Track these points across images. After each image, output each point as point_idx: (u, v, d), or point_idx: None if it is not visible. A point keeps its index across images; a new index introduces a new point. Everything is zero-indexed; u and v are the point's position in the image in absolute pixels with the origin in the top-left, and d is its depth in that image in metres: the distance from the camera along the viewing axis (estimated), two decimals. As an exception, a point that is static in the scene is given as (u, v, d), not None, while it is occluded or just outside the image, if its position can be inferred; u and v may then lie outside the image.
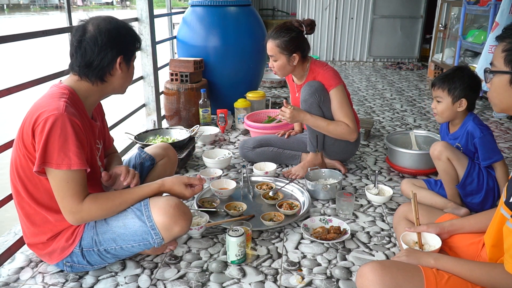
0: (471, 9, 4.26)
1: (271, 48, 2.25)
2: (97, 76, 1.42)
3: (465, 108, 1.91)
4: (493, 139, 1.90)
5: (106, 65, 1.41)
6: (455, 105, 1.91)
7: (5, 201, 1.65)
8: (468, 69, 1.95)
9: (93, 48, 1.38)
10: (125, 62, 1.46)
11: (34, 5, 48.64)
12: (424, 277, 1.12)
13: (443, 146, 1.89)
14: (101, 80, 1.44)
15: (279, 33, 2.22)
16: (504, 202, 1.11)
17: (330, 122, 2.25)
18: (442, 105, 1.94)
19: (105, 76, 1.44)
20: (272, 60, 2.30)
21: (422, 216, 1.52)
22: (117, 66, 1.42)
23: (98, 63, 1.39)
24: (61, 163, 1.29)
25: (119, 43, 1.41)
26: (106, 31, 1.39)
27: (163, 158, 1.95)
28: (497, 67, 1.07)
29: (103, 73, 1.42)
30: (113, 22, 1.43)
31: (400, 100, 4.43)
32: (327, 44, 7.09)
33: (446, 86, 1.91)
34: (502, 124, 3.55)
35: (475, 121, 1.92)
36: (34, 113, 1.32)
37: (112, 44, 1.39)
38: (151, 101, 3.24)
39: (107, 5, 52.03)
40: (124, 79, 1.49)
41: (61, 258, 1.48)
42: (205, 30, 3.42)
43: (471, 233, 1.37)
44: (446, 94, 1.92)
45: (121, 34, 1.42)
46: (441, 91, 1.93)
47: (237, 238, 1.56)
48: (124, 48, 1.44)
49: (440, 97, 1.94)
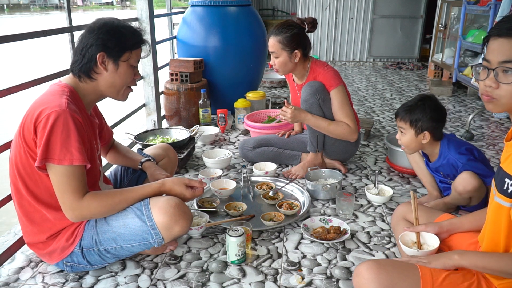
0: (471, 9, 4.26)
1: (272, 44, 2.25)
2: (84, 73, 1.43)
3: (429, 139, 1.86)
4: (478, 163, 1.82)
5: (87, 61, 1.41)
6: (418, 137, 1.87)
7: (5, 201, 1.65)
8: (431, 99, 1.90)
9: (79, 45, 1.42)
10: (112, 61, 1.43)
11: (34, 5, 48.66)
12: (420, 275, 1.12)
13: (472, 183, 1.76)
14: (88, 77, 1.44)
15: (281, 30, 2.22)
16: (498, 190, 1.10)
17: (331, 122, 2.25)
18: (406, 137, 1.90)
19: (90, 73, 1.43)
20: (273, 57, 2.29)
21: (421, 216, 1.52)
22: (99, 63, 1.41)
23: (81, 60, 1.41)
24: (63, 159, 1.29)
25: (99, 40, 1.40)
26: (90, 28, 1.41)
27: (163, 158, 1.95)
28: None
29: (88, 69, 1.42)
30: (109, 23, 1.43)
31: (400, 100, 4.43)
32: (327, 44, 7.10)
33: (408, 118, 1.87)
34: (502, 124, 3.55)
35: (451, 150, 1.86)
36: (36, 109, 1.32)
37: (93, 40, 1.40)
38: (151, 101, 3.24)
39: (107, 5, 52.04)
40: (113, 78, 1.45)
41: (61, 258, 1.48)
42: (205, 30, 3.43)
43: (470, 231, 1.38)
44: (409, 126, 1.88)
45: (104, 31, 1.41)
46: (403, 123, 1.90)
47: (237, 238, 1.56)
48: (105, 45, 1.40)
49: (403, 128, 1.90)
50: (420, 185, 2.33)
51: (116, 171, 1.88)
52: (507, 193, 1.07)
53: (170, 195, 1.53)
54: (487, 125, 3.54)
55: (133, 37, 1.47)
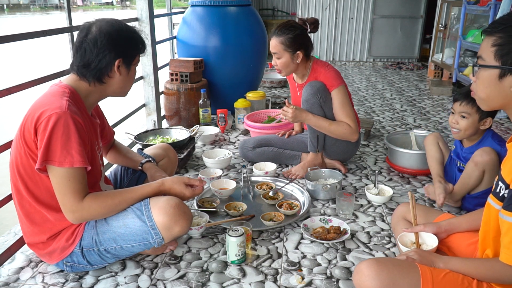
0: (471, 9, 4.26)
1: (275, 45, 2.25)
2: (95, 77, 1.43)
3: (487, 127, 1.87)
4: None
5: (103, 66, 1.41)
6: (480, 123, 1.86)
7: (5, 201, 1.65)
8: None
9: (92, 49, 1.39)
10: (125, 65, 1.46)
11: (34, 5, 48.65)
12: (420, 273, 1.13)
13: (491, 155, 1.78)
14: (99, 81, 1.44)
15: (283, 31, 2.22)
16: (492, 192, 1.12)
17: (332, 123, 2.25)
18: (468, 121, 1.86)
19: (103, 78, 1.44)
20: (275, 58, 2.29)
21: (420, 216, 1.52)
22: (115, 68, 1.43)
23: (96, 65, 1.40)
24: (64, 161, 1.29)
25: (118, 46, 1.41)
26: (107, 33, 1.40)
27: (163, 158, 1.95)
28: (486, 61, 1.06)
29: (101, 74, 1.43)
30: (116, 25, 1.43)
31: (400, 100, 4.43)
32: (327, 44, 7.10)
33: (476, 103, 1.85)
34: (502, 124, 3.55)
35: (493, 138, 1.88)
36: (37, 110, 1.32)
37: (111, 46, 1.40)
38: (151, 101, 3.24)
39: (107, 5, 52.03)
40: (123, 82, 1.49)
41: (61, 258, 1.49)
42: (205, 30, 3.43)
43: (469, 231, 1.38)
44: (475, 111, 1.83)
45: (121, 37, 1.42)
46: (469, 107, 1.84)
47: (237, 238, 1.56)
48: (123, 52, 1.43)
49: (468, 113, 1.86)
50: (419, 185, 2.33)
51: (116, 171, 1.88)
52: (499, 196, 1.08)
53: (170, 195, 1.53)
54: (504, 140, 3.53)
55: (141, 40, 1.50)
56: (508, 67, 1.02)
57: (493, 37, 1.04)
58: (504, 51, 1.02)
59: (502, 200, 1.07)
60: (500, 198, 1.08)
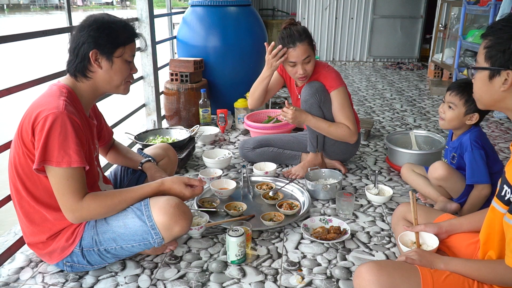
0: (471, 9, 4.26)
1: (305, 50, 2.12)
2: (80, 72, 1.42)
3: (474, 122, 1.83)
4: (481, 160, 1.78)
5: (81, 60, 1.40)
6: (466, 117, 1.82)
7: (5, 201, 1.65)
8: None
9: (72, 44, 1.41)
10: (105, 57, 1.42)
11: (34, 5, 48.62)
12: (421, 276, 1.12)
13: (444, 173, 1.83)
14: (84, 76, 1.43)
15: (300, 33, 2.13)
16: (496, 194, 1.12)
17: (331, 124, 2.24)
18: (453, 113, 1.84)
19: (86, 72, 1.43)
20: (304, 63, 2.15)
21: (420, 216, 1.52)
22: (93, 61, 1.41)
23: (75, 58, 1.41)
24: (61, 161, 1.29)
25: (91, 37, 1.38)
26: (82, 26, 1.40)
27: (163, 158, 1.95)
28: (479, 64, 1.11)
29: (83, 68, 1.42)
30: (99, 19, 1.41)
31: (400, 100, 4.43)
32: (327, 44, 7.10)
33: (466, 95, 1.79)
34: (502, 124, 3.55)
35: (471, 136, 1.83)
36: (34, 111, 1.32)
37: (85, 38, 1.39)
38: (151, 101, 3.24)
39: (107, 5, 52.01)
40: (108, 76, 1.44)
41: (61, 258, 1.48)
42: (205, 30, 3.43)
43: (469, 232, 1.38)
44: (462, 104, 1.81)
45: (96, 28, 1.39)
46: (457, 99, 1.82)
47: (237, 238, 1.56)
48: (97, 42, 1.39)
49: (454, 105, 1.83)
50: (420, 185, 2.33)
51: (116, 171, 1.88)
52: (504, 200, 1.08)
53: (170, 194, 1.53)
54: (487, 125, 3.54)
55: (125, 32, 1.45)
56: (496, 68, 1.06)
57: (485, 40, 1.09)
58: (492, 53, 1.07)
59: (507, 204, 1.06)
60: (505, 202, 1.07)
